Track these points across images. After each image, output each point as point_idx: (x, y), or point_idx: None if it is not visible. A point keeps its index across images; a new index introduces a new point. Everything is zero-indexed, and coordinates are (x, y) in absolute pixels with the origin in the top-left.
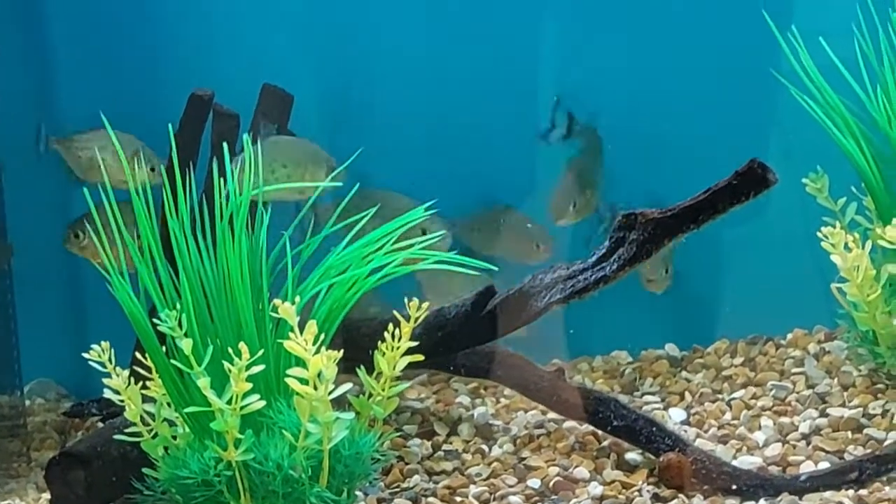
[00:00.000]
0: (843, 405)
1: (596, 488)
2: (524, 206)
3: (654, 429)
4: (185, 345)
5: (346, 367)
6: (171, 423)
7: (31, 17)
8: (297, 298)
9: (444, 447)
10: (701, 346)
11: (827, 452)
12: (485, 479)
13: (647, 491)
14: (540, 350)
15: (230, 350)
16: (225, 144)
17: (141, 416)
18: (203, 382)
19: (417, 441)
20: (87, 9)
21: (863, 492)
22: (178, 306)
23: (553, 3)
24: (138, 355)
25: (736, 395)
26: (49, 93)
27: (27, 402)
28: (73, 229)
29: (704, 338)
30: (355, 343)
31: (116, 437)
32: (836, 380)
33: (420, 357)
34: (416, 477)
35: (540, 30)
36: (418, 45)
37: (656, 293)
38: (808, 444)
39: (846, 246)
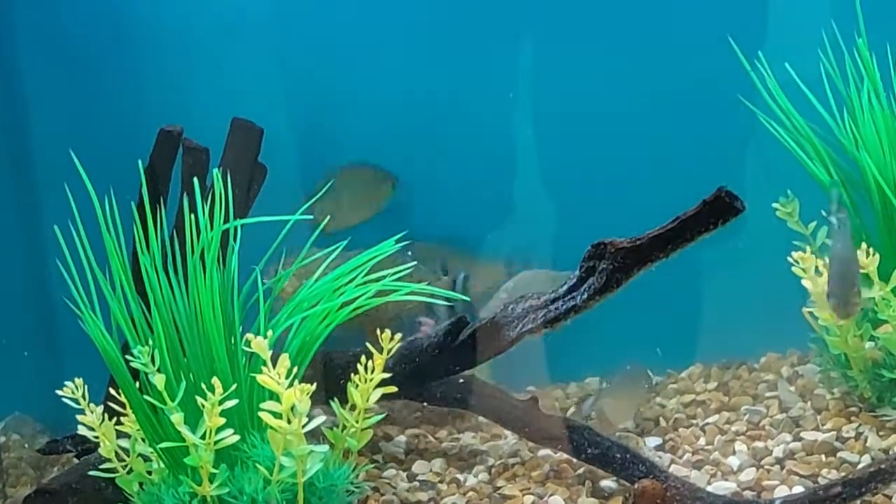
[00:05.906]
0: (816, 429)
1: None
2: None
3: (628, 455)
4: (158, 380)
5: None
6: (146, 459)
7: (2, 51)
8: (270, 332)
9: (420, 477)
10: (674, 372)
11: (801, 476)
12: None
13: None
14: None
15: (203, 385)
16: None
17: (115, 452)
18: (177, 418)
19: (392, 472)
20: (58, 44)
21: None
22: (151, 342)
23: (523, 25)
24: (112, 391)
25: (710, 420)
26: (19, 128)
27: (3, 438)
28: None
29: (678, 363)
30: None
31: (91, 473)
32: (809, 403)
33: (393, 388)
34: None
35: (510, 54)
36: (392, 66)
37: None
38: (783, 468)
39: (817, 270)
